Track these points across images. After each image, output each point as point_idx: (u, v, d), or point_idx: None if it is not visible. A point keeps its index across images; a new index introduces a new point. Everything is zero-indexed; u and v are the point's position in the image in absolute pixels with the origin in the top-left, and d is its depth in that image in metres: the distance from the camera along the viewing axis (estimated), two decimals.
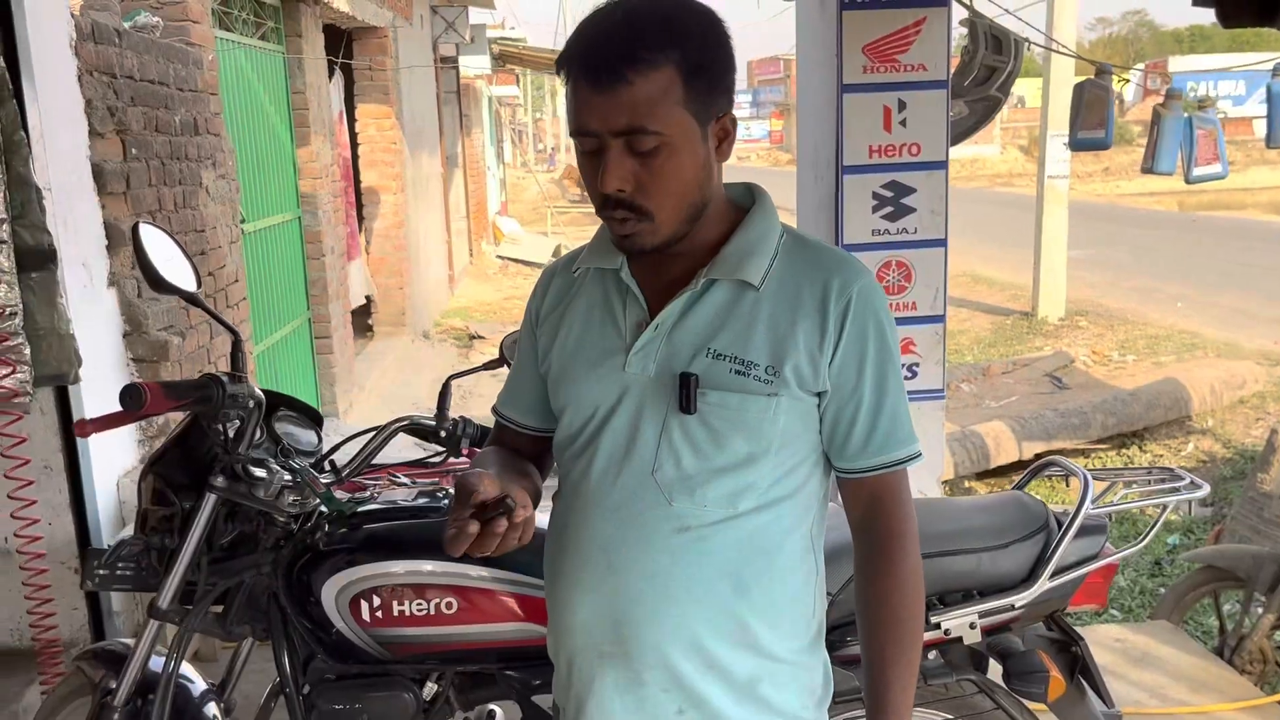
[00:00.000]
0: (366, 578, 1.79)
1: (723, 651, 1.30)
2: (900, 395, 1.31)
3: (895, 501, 1.33)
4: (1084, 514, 1.83)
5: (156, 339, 3.73)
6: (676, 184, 1.23)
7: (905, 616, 1.31)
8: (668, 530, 1.28)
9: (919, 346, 3.31)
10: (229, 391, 1.69)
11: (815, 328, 1.26)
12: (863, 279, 1.29)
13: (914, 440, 1.32)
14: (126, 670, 1.91)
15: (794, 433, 1.28)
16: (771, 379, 1.25)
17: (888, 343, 1.29)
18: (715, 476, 1.27)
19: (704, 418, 1.26)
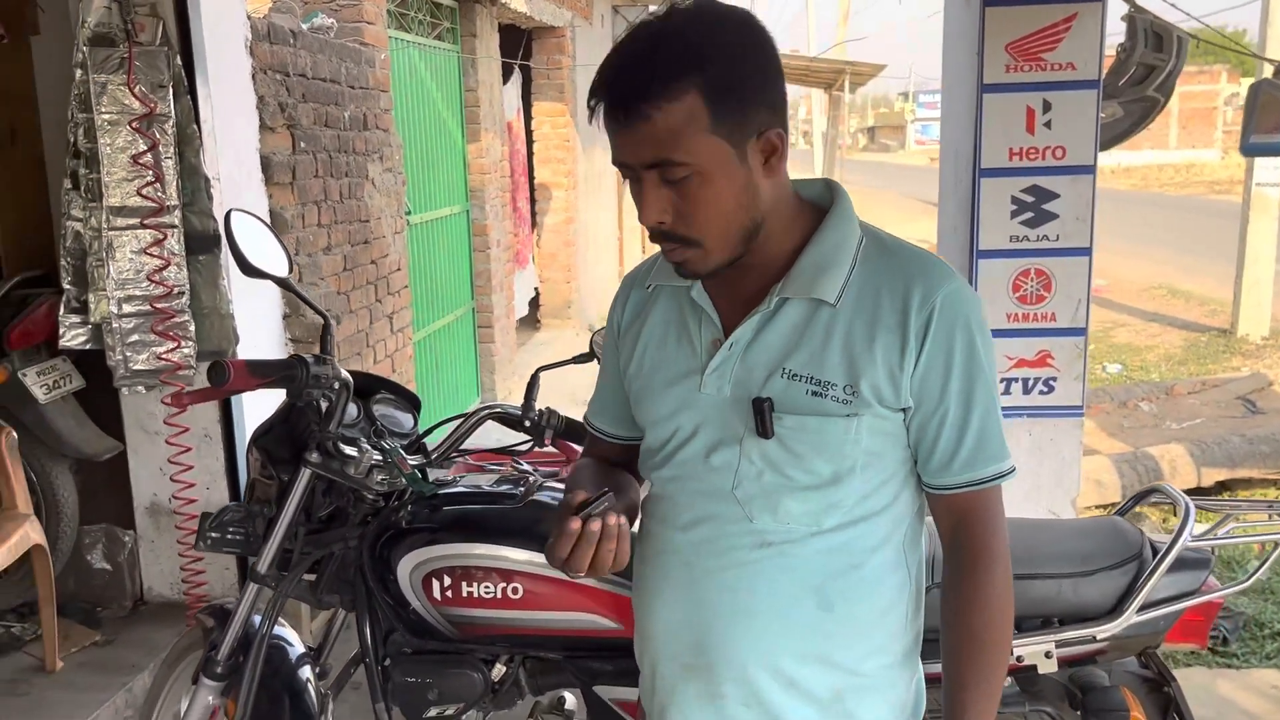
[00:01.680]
0: (439, 557, 1.86)
1: (805, 668, 1.27)
2: (991, 409, 1.24)
3: (983, 520, 1.26)
4: (1181, 546, 1.70)
5: (312, 321, 3.96)
6: (714, 212, 1.19)
7: (987, 640, 1.25)
8: (748, 545, 1.27)
9: (1057, 360, 3.15)
10: (313, 372, 1.79)
11: (895, 342, 1.21)
12: (948, 285, 1.22)
13: (1004, 457, 1.25)
14: (229, 627, 2.05)
15: (879, 450, 1.24)
16: (850, 399, 1.21)
17: (976, 353, 1.22)
18: (797, 495, 1.24)
19: (783, 441, 1.23)
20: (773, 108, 1.19)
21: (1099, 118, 3.00)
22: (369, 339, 4.76)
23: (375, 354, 4.84)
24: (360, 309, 4.66)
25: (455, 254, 6.51)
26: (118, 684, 3.15)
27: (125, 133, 3.17)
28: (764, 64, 1.19)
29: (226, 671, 2.05)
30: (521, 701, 1.99)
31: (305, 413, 1.96)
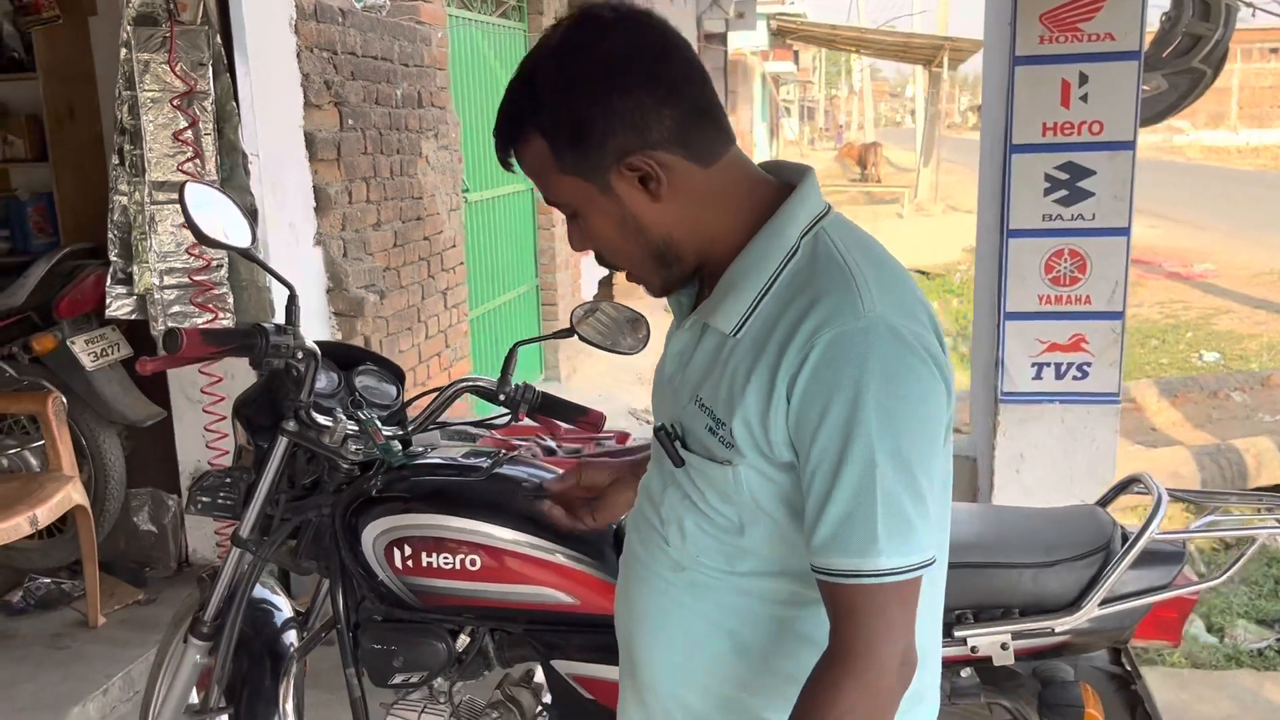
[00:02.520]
0: (399, 526, 1.87)
1: (716, 708, 1.17)
2: (868, 487, 0.99)
3: (849, 620, 1.01)
4: (1147, 538, 1.61)
5: (355, 296, 4.04)
6: (607, 245, 1.13)
7: None
8: (665, 565, 1.19)
9: (1092, 344, 3.02)
10: (272, 342, 1.81)
11: (766, 384, 1.03)
12: (847, 322, 0.99)
13: (875, 552, 0.99)
14: (213, 590, 2.11)
15: (776, 505, 1.08)
16: (731, 443, 1.06)
17: (860, 414, 0.98)
18: (706, 531, 1.14)
19: (689, 473, 1.13)
20: (632, 128, 1.05)
21: (1140, 91, 2.86)
22: (420, 314, 4.83)
23: (427, 329, 4.92)
24: (411, 284, 4.73)
25: (518, 232, 6.57)
26: (154, 641, 3.25)
27: (167, 110, 3.28)
28: (610, 88, 1.05)
29: (212, 631, 2.11)
30: (490, 673, 2.00)
31: (286, 382, 2.00)
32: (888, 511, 0.99)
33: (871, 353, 0.99)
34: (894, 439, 0.99)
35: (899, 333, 1.00)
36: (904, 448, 0.99)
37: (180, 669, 2.15)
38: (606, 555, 1.84)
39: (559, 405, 2.17)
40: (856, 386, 0.98)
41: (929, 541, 1.02)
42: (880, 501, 0.99)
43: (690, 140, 1.08)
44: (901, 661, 1.02)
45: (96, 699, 3.04)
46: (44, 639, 3.34)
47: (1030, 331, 3.03)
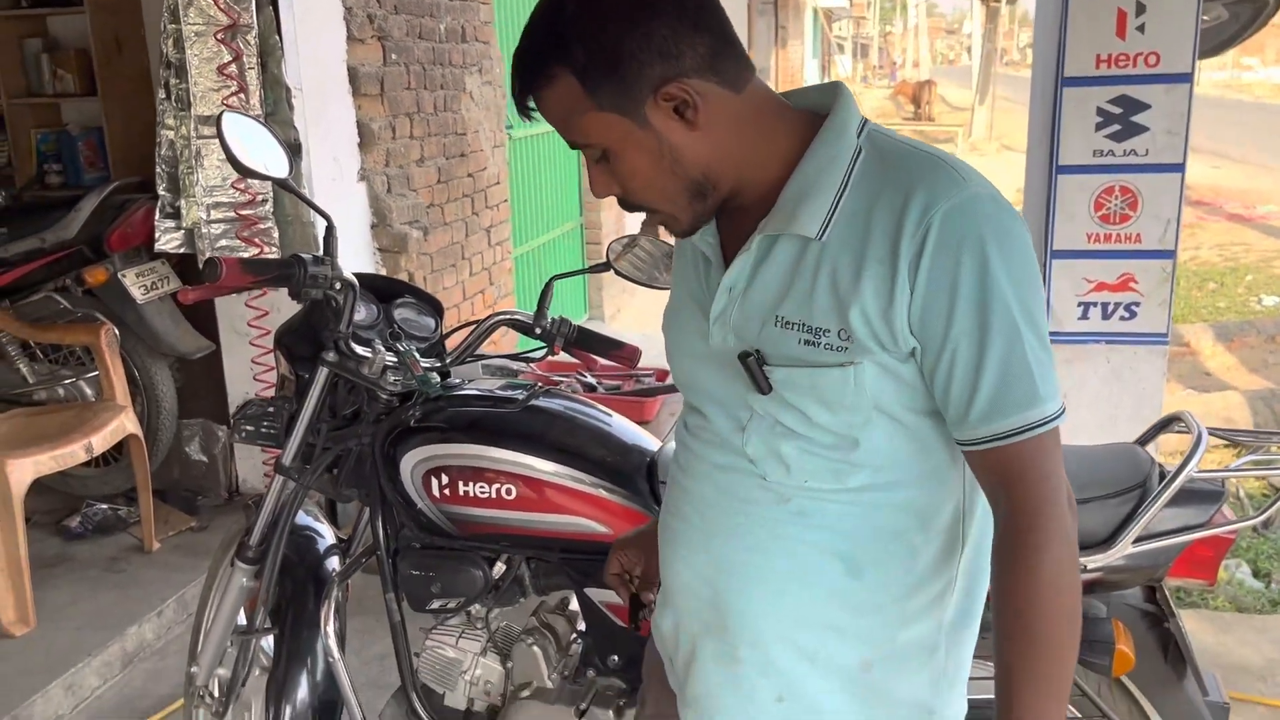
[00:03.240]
0: (436, 455, 1.91)
1: (828, 640, 1.15)
2: (1015, 344, 1.02)
3: (1024, 480, 1.04)
4: (1185, 476, 1.59)
5: (399, 232, 4.07)
6: (642, 183, 1.10)
7: (1038, 632, 1.04)
8: (766, 501, 1.15)
9: (1141, 284, 2.96)
10: (310, 272, 1.83)
11: (885, 274, 1.03)
12: (953, 196, 1.02)
13: (1036, 401, 1.03)
14: (258, 516, 2.17)
15: (895, 401, 1.08)
16: (846, 344, 1.05)
17: (991, 278, 1.00)
18: (811, 452, 1.11)
19: (782, 395, 1.10)
20: (667, 56, 1.04)
21: (1199, 21, 2.76)
22: (464, 251, 4.86)
23: (471, 266, 4.94)
24: (455, 221, 4.74)
25: (562, 169, 6.54)
26: (206, 566, 3.36)
27: (211, 43, 3.30)
28: (642, 17, 1.04)
29: (257, 556, 2.17)
30: (525, 600, 2.04)
31: (326, 313, 2.02)
32: (1037, 361, 1.03)
33: (986, 220, 1.02)
34: (1021, 296, 1.02)
35: (997, 198, 1.04)
36: (1030, 302, 1.04)
37: (228, 591, 2.22)
38: (639, 486, 1.86)
39: (594, 339, 2.18)
40: (982, 254, 1.01)
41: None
42: (1030, 355, 1.03)
43: (721, 66, 1.08)
44: (1070, 503, 1.07)
45: (152, 620, 3.15)
46: (101, 562, 3.46)
47: (1078, 270, 2.97)
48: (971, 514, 1.16)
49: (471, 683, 1.99)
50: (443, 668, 2.01)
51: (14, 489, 2.88)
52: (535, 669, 1.96)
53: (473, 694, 2.00)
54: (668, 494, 1.30)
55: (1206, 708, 1.69)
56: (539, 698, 1.93)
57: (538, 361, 2.18)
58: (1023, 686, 1.05)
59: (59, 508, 3.77)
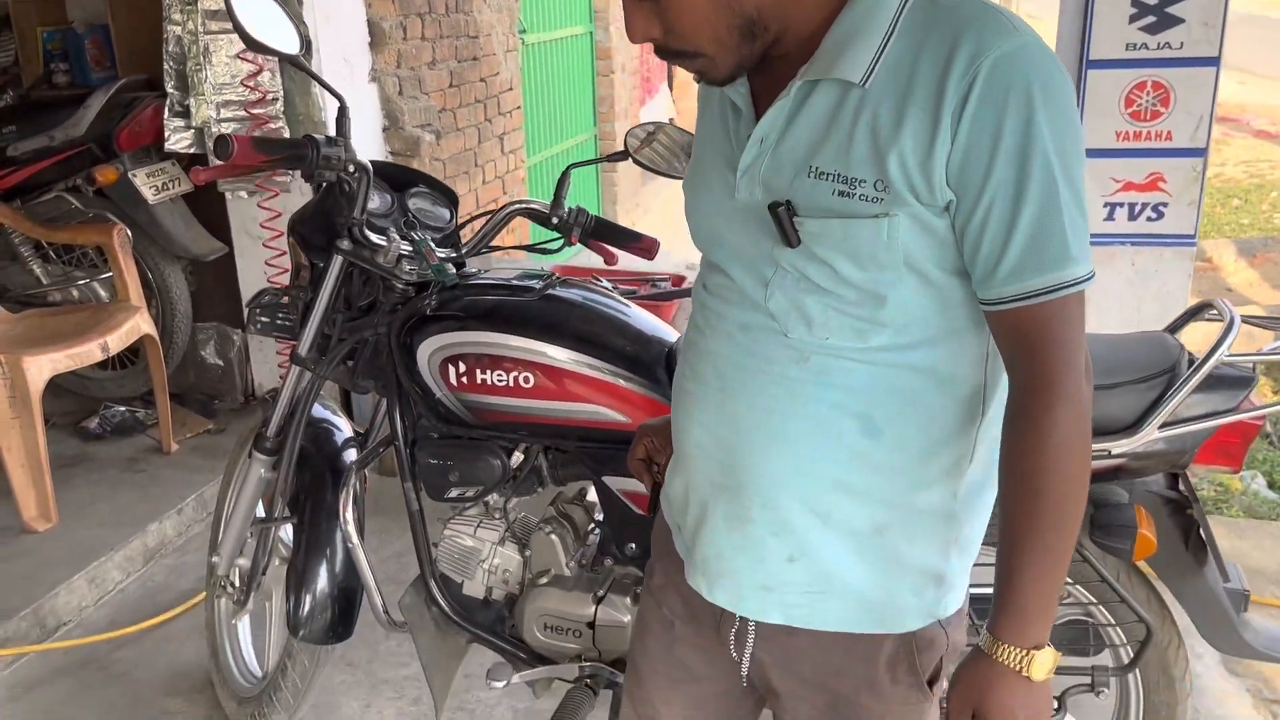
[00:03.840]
0: (454, 343, 1.89)
1: (843, 500, 1.14)
2: (1052, 201, 0.99)
3: (1044, 343, 1.03)
4: (1215, 360, 1.56)
5: (411, 135, 4.00)
6: (692, 20, 1.05)
7: (1044, 490, 1.04)
8: (785, 360, 1.12)
9: (1170, 183, 2.89)
10: (323, 153, 1.80)
11: (926, 121, 1.00)
12: (1003, 45, 0.98)
13: (1071, 261, 1.00)
14: (275, 407, 2.16)
15: (926, 258, 1.05)
16: (881, 195, 1.02)
17: (1035, 131, 0.98)
18: (835, 309, 1.09)
19: (810, 249, 1.07)
20: None
21: None
22: (477, 158, 4.79)
23: (484, 174, 4.88)
24: (468, 127, 4.67)
25: (576, 77, 6.42)
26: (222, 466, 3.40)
27: None
28: None
29: (275, 447, 2.18)
30: (543, 490, 2.04)
31: (340, 200, 1.99)
32: (1072, 221, 1.01)
33: (1034, 71, 0.98)
34: (1063, 152, 1.00)
35: (1047, 50, 1.01)
36: (1070, 161, 1.01)
37: (246, 482, 2.23)
38: (658, 375, 1.84)
39: (612, 229, 2.14)
40: (1028, 106, 0.98)
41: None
42: (1065, 213, 1.00)
43: None
44: (1088, 372, 1.05)
45: (172, 517, 3.18)
46: (120, 463, 3.48)
47: (1105, 170, 2.90)
48: (994, 385, 1.14)
49: (490, 571, 2.00)
50: (461, 557, 2.02)
51: (31, 386, 2.89)
52: (553, 557, 1.96)
53: (491, 582, 2.01)
54: (682, 358, 1.28)
55: (1227, 594, 1.69)
56: (557, 585, 1.94)
57: (554, 253, 2.15)
58: (1024, 553, 1.05)
59: (77, 410, 3.79)
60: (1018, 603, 1.06)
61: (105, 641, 2.73)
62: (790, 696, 1.26)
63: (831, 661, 1.21)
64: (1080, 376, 1.04)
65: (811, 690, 1.24)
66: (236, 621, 2.45)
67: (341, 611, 2.12)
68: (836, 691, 1.22)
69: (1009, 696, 1.07)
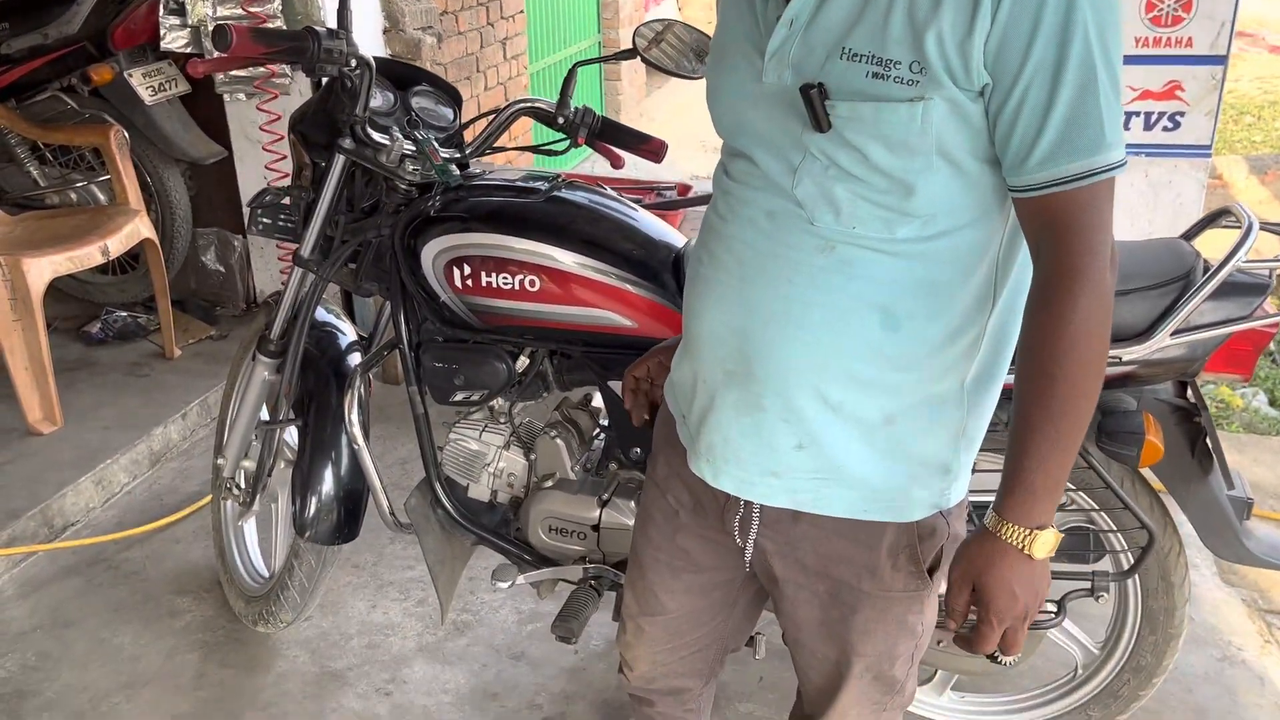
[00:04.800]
0: (458, 245, 1.86)
1: (855, 391, 1.14)
2: (1089, 87, 0.98)
3: (1073, 229, 1.02)
4: (1231, 267, 1.54)
5: (411, 37, 3.91)
6: None
7: (1059, 375, 1.04)
8: (809, 248, 1.11)
9: (1188, 91, 2.83)
10: (324, 45, 1.75)
11: (967, 2, 0.99)
12: None
13: (1101, 148, 1.00)
14: (278, 310, 2.15)
15: (957, 143, 1.04)
16: (917, 78, 1.01)
17: (1078, 10, 0.97)
18: (864, 197, 1.07)
19: (841, 133, 1.05)
20: None
21: None
22: (479, 64, 4.69)
23: (486, 80, 4.78)
24: (469, 31, 4.56)
25: None
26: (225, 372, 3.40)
27: None
28: None
29: (278, 349, 2.17)
30: (549, 395, 2.04)
31: (342, 98, 1.95)
32: (1109, 105, 1.00)
33: None
34: (1103, 36, 0.99)
35: None
36: (1110, 45, 0.99)
37: (250, 385, 2.23)
38: (665, 281, 1.82)
39: (620, 130, 2.10)
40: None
41: None
42: (1103, 99, 0.99)
43: None
44: (1114, 261, 1.05)
45: (176, 421, 3.19)
46: (123, 367, 3.48)
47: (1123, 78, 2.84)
48: (1008, 268, 1.14)
49: (495, 475, 2.01)
50: (466, 460, 2.02)
51: (32, 287, 2.87)
52: (558, 461, 1.97)
53: (496, 485, 2.02)
54: (700, 244, 1.26)
55: (1230, 502, 1.69)
56: (562, 488, 1.95)
57: (559, 154, 2.11)
58: (1036, 435, 1.06)
59: (79, 314, 3.78)
60: (1026, 483, 1.07)
61: (113, 542, 2.75)
62: (791, 584, 1.28)
63: (834, 548, 1.23)
64: (1105, 265, 1.03)
65: (812, 578, 1.26)
66: (243, 523, 2.48)
67: (347, 512, 2.13)
68: (838, 579, 1.24)
69: (1009, 572, 1.09)
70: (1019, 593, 1.09)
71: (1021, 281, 1.13)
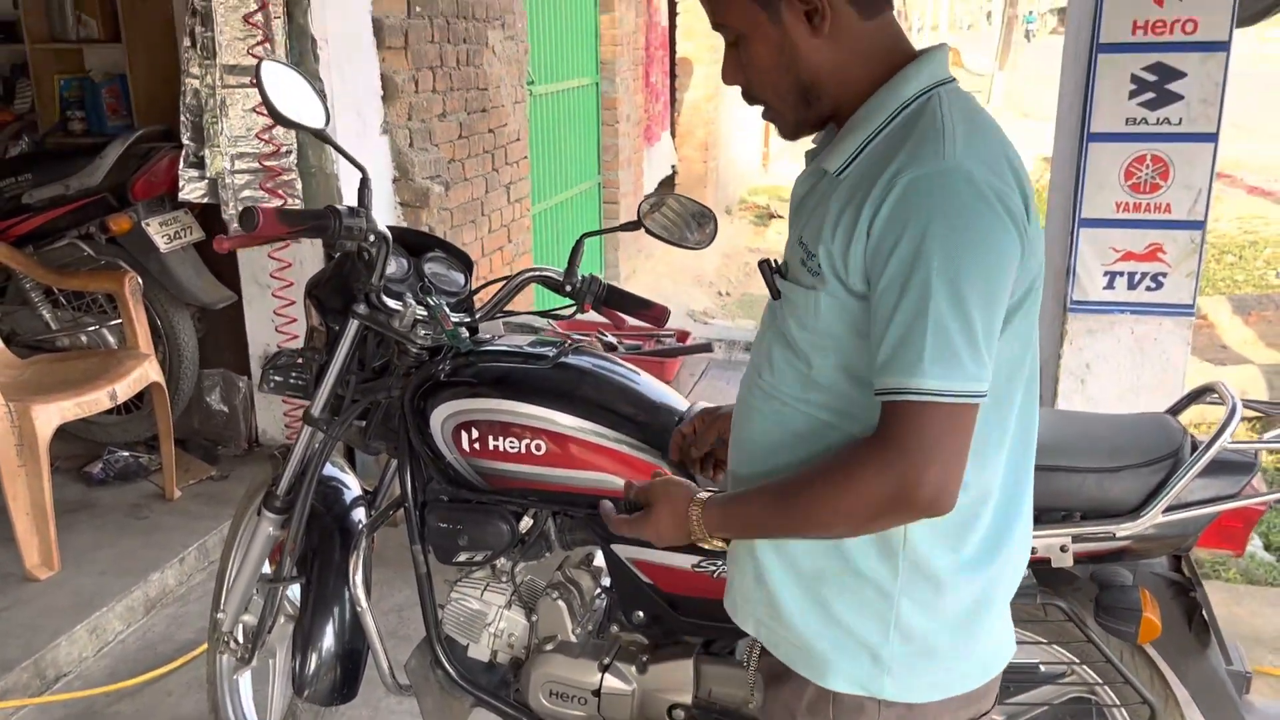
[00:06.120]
0: (467, 410, 1.91)
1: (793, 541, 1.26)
2: (922, 317, 1.07)
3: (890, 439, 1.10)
4: (1219, 447, 1.59)
5: (420, 186, 4.06)
6: (761, 76, 1.23)
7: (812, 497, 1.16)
8: (759, 396, 1.30)
9: (1169, 254, 2.94)
10: (345, 223, 1.83)
11: (855, 218, 1.12)
12: (925, 166, 1.08)
13: (919, 373, 1.07)
14: (286, 466, 2.18)
15: (844, 335, 1.17)
16: (819, 271, 1.17)
17: (925, 249, 1.06)
18: (787, 364, 1.25)
19: (784, 306, 1.24)
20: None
21: None
22: (484, 207, 4.84)
23: (490, 223, 4.93)
24: (475, 177, 4.72)
25: (582, 127, 6.50)
26: (227, 515, 3.39)
27: None
28: None
29: (284, 506, 2.19)
30: (551, 555, 2.06)
31: (357, 266, 2.02)
32: (936, 338, 1.07)
33: (943, 194, 1.08)
34: (952, 274, 1.06)
35: (974, 180, 1.08)
36: (961, 284, 1.07)
37: (254, 540, 2.24)
38: (667, 444, 1.86)
39: (624, 298, 2.18)
40: (926, 223, 1.07)
41: (979, 375, 1.08)
42: (930, 328, 1.07)
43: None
44: (932, 486, 1.09)
45: (174, 566, 3.18)
46: (123, 509, 3.49)
47: (1105, 239, 2.95)
48: None
49: (496, 635, 2.01)
50: (467, 620, 2.03)
51: (40, 434, 2.90)
52: (559, 623, 1.97)
53: (496, 646, 2.02)
54: None
55: (1229, 676, 1.71)
56: (563, 651, 1.95)
57: (564, 320, 2.18)
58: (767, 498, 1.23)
59: (81, 454, 3.80)
60: (734, 510, 1.28)
61: (104, 694, 2.72)
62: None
63: (780, 688, 1.32)
64: (907, 467, 1.09)
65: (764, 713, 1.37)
66: (238, 676, 2.45)
67: (347, 673, 2.13)
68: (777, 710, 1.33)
69: (666, 517, 1.35)
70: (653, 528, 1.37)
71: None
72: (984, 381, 1.09)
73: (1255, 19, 3.15)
